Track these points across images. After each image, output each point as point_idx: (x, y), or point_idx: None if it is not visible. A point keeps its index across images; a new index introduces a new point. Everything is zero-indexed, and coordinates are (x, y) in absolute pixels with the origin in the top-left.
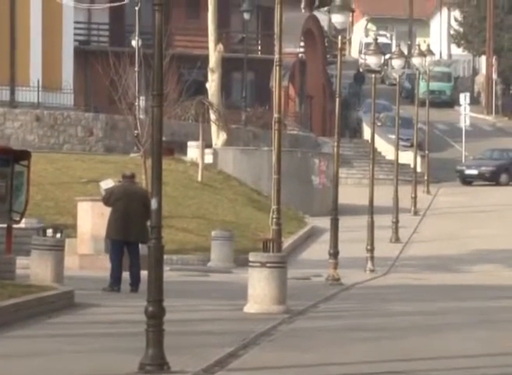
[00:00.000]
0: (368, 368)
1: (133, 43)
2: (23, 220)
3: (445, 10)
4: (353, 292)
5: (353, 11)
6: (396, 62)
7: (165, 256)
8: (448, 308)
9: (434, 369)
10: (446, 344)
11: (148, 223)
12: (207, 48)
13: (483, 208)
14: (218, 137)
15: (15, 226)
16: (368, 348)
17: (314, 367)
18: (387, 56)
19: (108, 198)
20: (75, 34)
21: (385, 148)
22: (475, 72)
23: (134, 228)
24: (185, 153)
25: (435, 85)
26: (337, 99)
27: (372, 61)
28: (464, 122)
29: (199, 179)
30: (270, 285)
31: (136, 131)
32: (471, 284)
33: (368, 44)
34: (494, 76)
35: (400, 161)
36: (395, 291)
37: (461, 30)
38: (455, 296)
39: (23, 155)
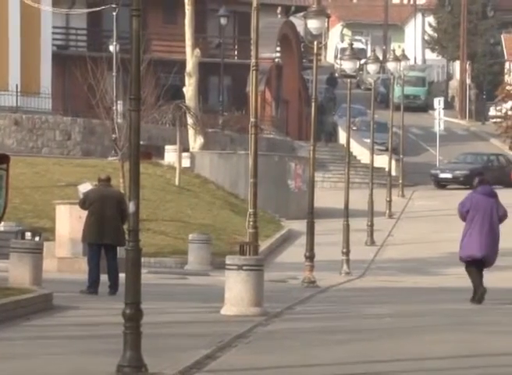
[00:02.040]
0: (344, 369)
1: (111, 48)
2: (2, 224)
3: (419, 16)
4: (328, 295)
5: (328, 16)
6: (371, 67)
7: (143, 259)
8: (422, 310)
9: (408, 371)
10: (420, 345)
11: (125, 226)
12: (184, 52)
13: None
14: (196, 141)
15: None
16: (343, 350)
17: (290, 369)
18: (362, 61)
19: (84, 202)
20: (53, 39)
21: (360, 151)
22: (449, 77)
23: (109, 231)
24: (162, 157)
25: (409, 90)
26: (313, 104)
27: (348, 66)
28: (438, 126)
29: (176, 182)
30: (247, 288)
31: (113, 135)
32: (445, 286)
33: (343, 50)
34: (468, 81)
35: (375, 165)
36: (370, 294)
37: (435, 35)
38: (429, 298)
39: (2, 159)
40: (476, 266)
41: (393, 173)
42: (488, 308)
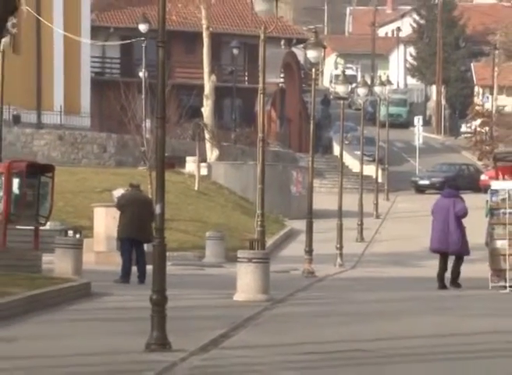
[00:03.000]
0: (338, 347)
1: (141, 74)
2: (48, 223)
3: (402, 47)
4: (325, 283)
5: (324, 47)
6: (361, 91)
7: (167, 253)
8: (404, 296)
9: (393, 348)
10: (403, 326)
11: (152, 225)
12: (202, 78)
13: None
14: (212, 153)
15: (41, 227)
16: (338, 331)
17: (292, 346)
18: (353, 86)
19: (120, 204)
20: (91, 67)
21: (351, 162)
22: (427, 98)
23: (138, 229)
24: (184, 166)
25: (393, 109)
26: (311, 121)
27: (341, 89)
28: (418, 140)
29: (195, 188)
30: (255, 277)
31: (142, 148)
32: (423, 276)
33: (337, 76)
34: (443, 102)
35: (364, 173)
36: (360, 283)
37: (415, 63)
38: (410, 287)
39: (48, 169)
40: (443, 256)
41: (380, 180)
42: (459, 294)
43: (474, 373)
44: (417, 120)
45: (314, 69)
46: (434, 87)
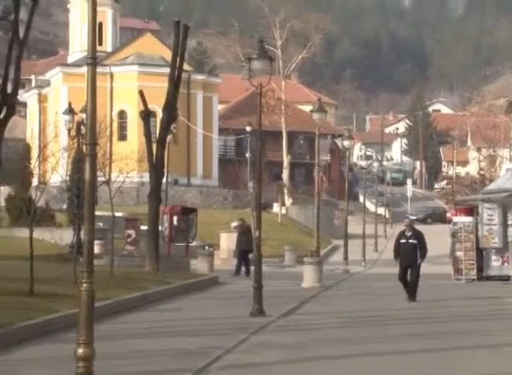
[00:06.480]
0: (361, 313)
1: (247, 155)
2: (194, 241)
3: (399, 139)
4: (356, 277)
5: (353, 139)
6: (375, 164)
7: (263, 259)
8: (400, 284)
9: (395, 314)
10: (398, 302)
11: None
12: (282, 157)
13: None
14: (288, 201)
15: (190, 244)
16: (362, 304)
17: (336, 313)
18: (371, 161)
19: (241, 230)
20: (219, 151)
21: (370, 205)
22: (414, 168)
23: (248, 244)
24: (272, 208)
25: (394, 175)
26: (346, 182)
27: (363, 163)
28: (409, 193)
29: (279, 221)
30: (314, 273)
31: (248, 198)
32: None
33: (361, 155)
34: (423, 170)
35: (378, 212)
36: (376, 277)
37: (407, 148)
38: None
39: (194, 210)
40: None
41: (387, 216)
42: (434, 284)
43: (441, 330)
44: (409, 181)
45: (347, 152)
46: (418, 162)
